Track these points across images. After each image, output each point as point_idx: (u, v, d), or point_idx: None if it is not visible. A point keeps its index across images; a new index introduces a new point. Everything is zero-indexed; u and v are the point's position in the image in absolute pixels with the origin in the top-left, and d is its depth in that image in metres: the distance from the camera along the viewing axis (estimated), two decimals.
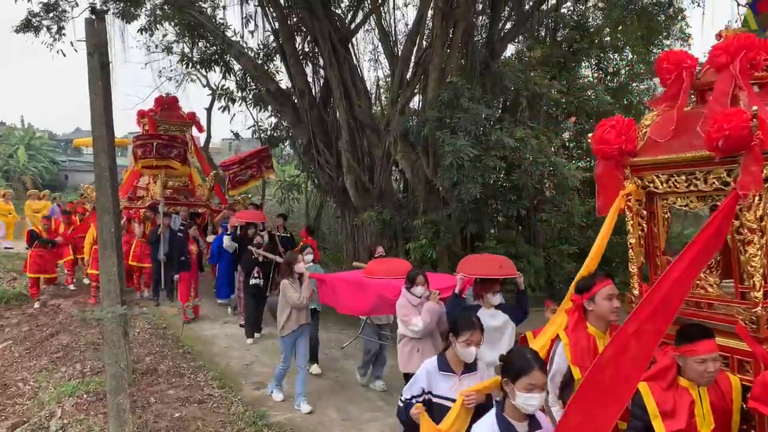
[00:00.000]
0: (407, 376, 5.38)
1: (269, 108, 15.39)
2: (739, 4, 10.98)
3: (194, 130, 14.88)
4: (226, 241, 10.28)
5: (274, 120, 16.22)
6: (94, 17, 5.65)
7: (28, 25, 12.38)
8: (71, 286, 12.31)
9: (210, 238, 11.57)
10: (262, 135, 16.29)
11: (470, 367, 3.80)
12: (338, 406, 6.77)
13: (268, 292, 9.21)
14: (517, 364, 2.92)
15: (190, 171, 13.40)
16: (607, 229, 3.82)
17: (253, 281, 9.12)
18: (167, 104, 14.15)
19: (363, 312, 6.94)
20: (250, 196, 15.42)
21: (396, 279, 6.04)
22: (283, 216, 11.86)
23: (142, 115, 13.75)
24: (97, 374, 7.39)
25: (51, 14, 12.37)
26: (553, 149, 9.38)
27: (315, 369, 7.80)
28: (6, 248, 15.90)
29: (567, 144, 12.84)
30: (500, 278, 5.28)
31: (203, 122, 16.39)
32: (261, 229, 10.30)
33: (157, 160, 11.19)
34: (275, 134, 16.20)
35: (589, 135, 3.87)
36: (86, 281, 12.08)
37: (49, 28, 12.44)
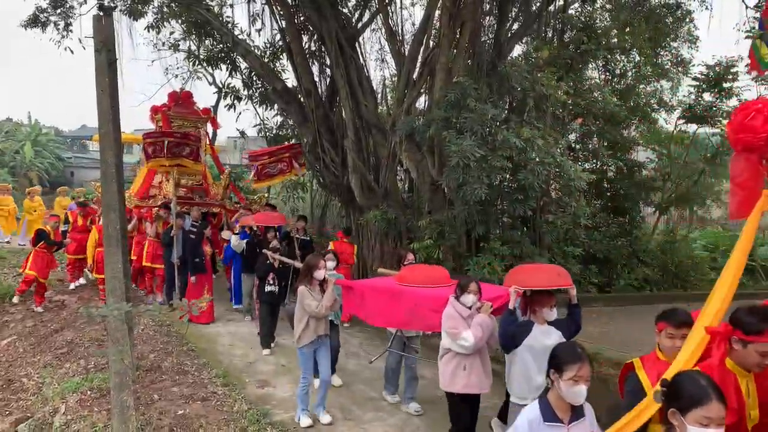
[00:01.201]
0: (449, 396, 5.21)
1: (275, 106, 15.41)
2: (747, 7, 10.95)
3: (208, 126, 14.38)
4: (234, 240, 9.95)
5: (279, 118, 16.25)
6: (101, 14, 5.65)
7: (35, 21, 12.41)
8: (72, 285, 12.12)
9: (226, 234, 11.12)
10: (268, 133, 16.30)
11: (578, 412, 3.15)
12: (341, 406, 6.76)
13: (287, 299, 8.49)
14: (690, 392, 2.48)
15: (203, 169, 12.88)
16: (748, 237, 3.20)
17: (268, 288, 8.60)
18: (181, 99, 13.58)
19: (398, 324, 6.31)
20: (267, 195, 15.16)
21: (435, 288, 5.64)
22: (302, 218, 11.42)
23: (155, 111, 13.24)
24: (101, 371, 7.41)
25: (58, 10, 12.40)
26: (559, 150, 9.34)
27: (336, 381, 7.31)
28: (6, 242, 15.98)
29: (573, 145, 12.82)
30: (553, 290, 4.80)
31: None
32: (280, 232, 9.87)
33: (169, 160, 10.54)
34: (281, 133, 16.22)
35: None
36: (92, 277, 11.99)
37: (56, 24, 12.46)
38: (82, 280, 12.29)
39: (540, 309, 4.72)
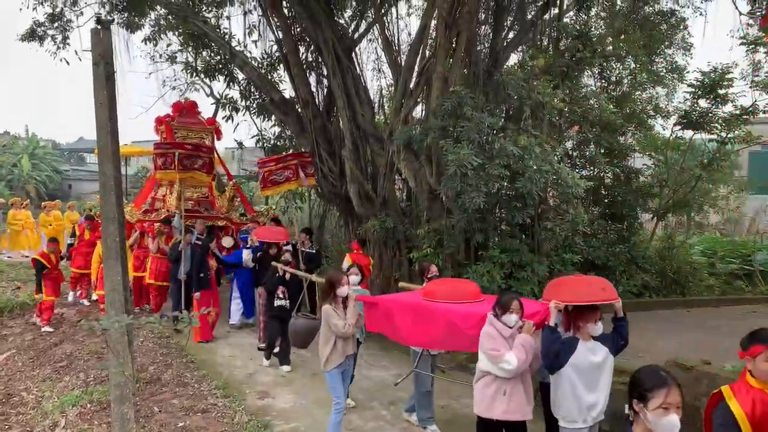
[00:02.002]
0: (483, 423, 4.82)
1: (273, 117, 15.45)
2: (741, 13, 11.01)
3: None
4: (245, 254, 9.59)
5: (277, 129, 16.28)
6: (99, 27, 5.67)
7: (32, 35, 12.47)
8: (85, 302, 11.95)
9: (227, 241, 10.78)
10: (266, 144, 16.33)
11: None
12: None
13: (295, 313, 7.82)
14: (650, 380, 2.67)
15: (211, 181, 12.43)
16: None
17: (277, 302, 8.25)
18: (185, 109, 13.16)
19: (429, 344, 5.83)
20: (274, 207, 14.92)
21: (466, 303, 5.30)
22: (307, 230, 11.25)
23: (159, 122, 12.90)
24: (101, 383, 7.39)
25: (56, 24, 12.46)
26: (556, 158, 9.37)
27: (349, 402, 6.83)
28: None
29: (570, 153, 12.85)
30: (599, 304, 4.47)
31: None
32: (285, 245, 9.61)
33: (180, 173, 10.15)
34: (278, 143, 16.25)
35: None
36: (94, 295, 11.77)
37: (53, 38, 12.53)
38: (85, 302, 12.04)
39: (584, 324, 4.43)
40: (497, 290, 10.04)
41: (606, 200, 13.49)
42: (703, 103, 12.70)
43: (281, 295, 8.26)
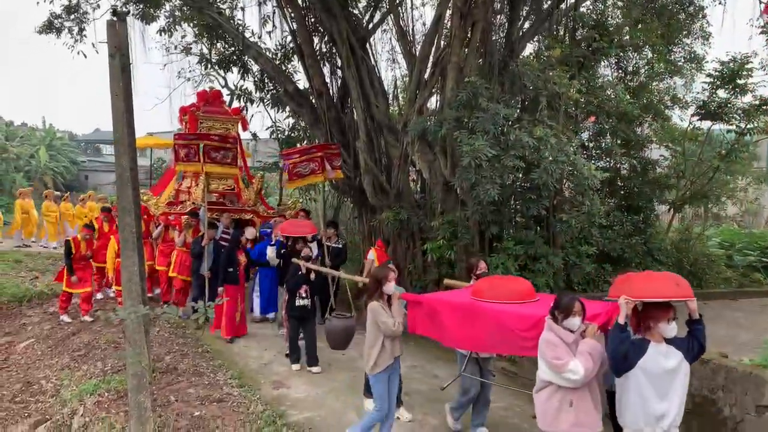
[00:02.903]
0: None
1: (287, 108, 15.46)
2: (761, 2, 10.84)
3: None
4: (270, 252, 9.23)
5: (291, 120, 16.29)
6: (115, 19, 5.70)
7: (49, 27, 12.56)
8: (98, 295, 11.62)
9: (249, 232, 10.35)
10: (280, 135, 16.36)
11: None
12: (357, 406, 6.78)
13: (329, 314, 7.43)
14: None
15: (239, 173, 11.97)
16: None
17: (299, 302, 7.77)
18: (210, 99, 12.74)
19: (479, 347, 5.42)
20: (300, 200, 14.58)
21: (520, 304, 4.96)
22: (333, 224, 10.83)
23: (184, 111, 12.54)
24: (118, 372, 7.48)
25: (72, 16, 12.53)
26: (572, 149, 9.29)
27: (405, 414, 6.54)
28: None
29: (586, 144, 12.75)
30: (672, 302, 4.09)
31: None
32: (310, 240, 9.15)
33: (207, 165, 9.79)
34: (293, 135, 16.27)
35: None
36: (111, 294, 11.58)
37: (70, 30, 12.60)
38: (99, 295, 11.69)
39: (655, 324, 4.06)
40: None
41: (622, 192, 13.37)
42: (721, 93, 12.52)
43: (303, 294, 7.79)
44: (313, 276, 7.82)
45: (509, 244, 9.91)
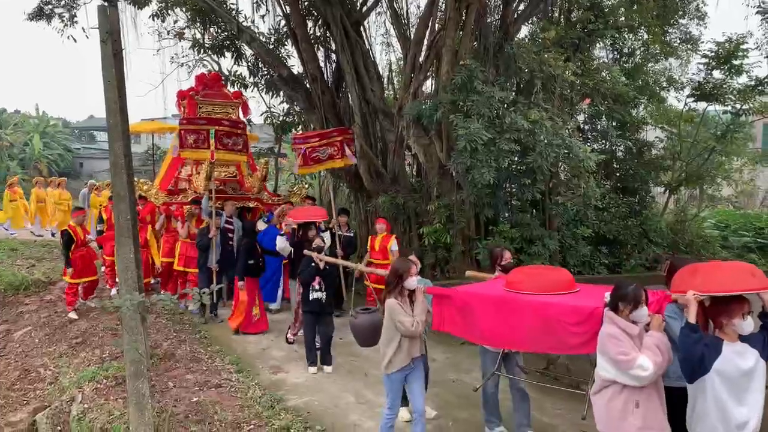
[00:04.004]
0: None
1: (281, 93, 15.34)
2: None
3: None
4: (280, 242, 8.75)
5: (286, 105, 16.20)
6: (106, 4, 5.63)
7: (40, 13, 12.40)
8: (114, 290, 10.50)
9: (261, 225, 10.06)
10: (275, 121, 16.28)
11: None
12: (355, 390, 6.81)
13: (352, 309, 6.97)
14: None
15: (246, 160, 11.41)
16: None
17: (313, 295, 7.26)
18: (209, 82, 12.12)
19: (518, 344, 4.91)
20: (307, 186, 14.15)
21: (562, 295, 4.48)
22: (344, 211, 10.40)
23: (182, 96, 11.87)
24: (116, 359, 7.49)
25: (63, 1, 12.38)
26: (568, 131, 9.29)
27: (429, 412, 5.98)
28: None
29: (582, 126, 12.74)
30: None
31: None
32: (322, 229, 8.84)
33: (219, 153, 9.29)
34: (287, 120, 16.18)
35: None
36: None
37: (61, 16, 12.45)
38: (113, 291, 10.63)
39: (729, 320, 3.59)
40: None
41: (618, 174, 13.39)
42: (717, 74, 12.51)
43: (317, 287, 7.28)
44: (323, 266, 7.31)
45: (505, 227, 9.94)
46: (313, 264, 7.27)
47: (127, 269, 5.27)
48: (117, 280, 10.90)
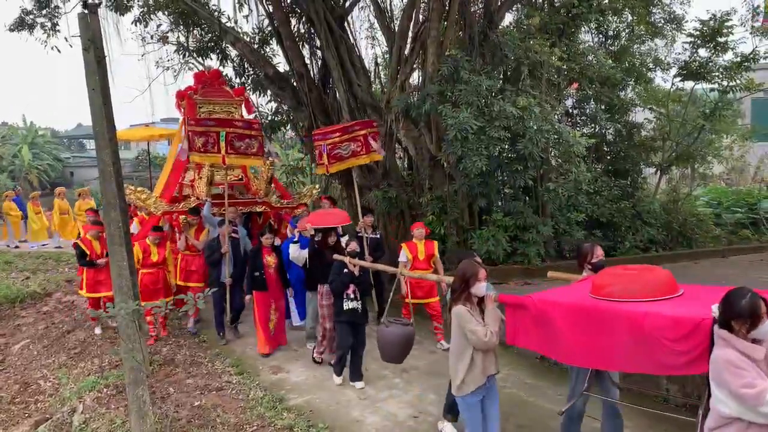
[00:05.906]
0: None
1: (268, 92, 15.29)
2: None
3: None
4: (293, 250, 7.99)
5: (274, 105, 16.15)
6: (87, 11, 5.59)
7: (22, 24, 12.31)
8: None
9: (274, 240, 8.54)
10: (263, 120, 16.22)
11: None
12: (356, 387, 6.81)
13: (384, 319, 5.71)
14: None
15: (261, 164, 10.25)
16: None
17: (348, 304, 6.62)
18: (209, 80, 11.12)
19: (609, 364, 3.93)
20: (319, 187, 13.39)
21: (660, 301, 3.63)
22: (370, 211, 9.50)
23: (181, 96, 11.00)
24: (116, 368, 7.48)
25: (44, 11, 12.29)
26: (557, 117, 9.30)
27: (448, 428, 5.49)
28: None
29: (570, 111, 12.75)
30: None
31: None
32: (340, 234, 8.06)
33: (231, 158, 8.57)
34: (276, 119, 16.13)
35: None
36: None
37: (43, 26, 12.36)
38: None
39: None
40: (504, 257, 9.85)
41: (608, 157, 13.42)
42: (702, 52, 12.54)
43: (352, 295, 6.66)
44: (357, 272, 6.64)
45: (498, 216, 9.94)
46: (346, 270, 6.61)
47: (121, 276, 5.25)
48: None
